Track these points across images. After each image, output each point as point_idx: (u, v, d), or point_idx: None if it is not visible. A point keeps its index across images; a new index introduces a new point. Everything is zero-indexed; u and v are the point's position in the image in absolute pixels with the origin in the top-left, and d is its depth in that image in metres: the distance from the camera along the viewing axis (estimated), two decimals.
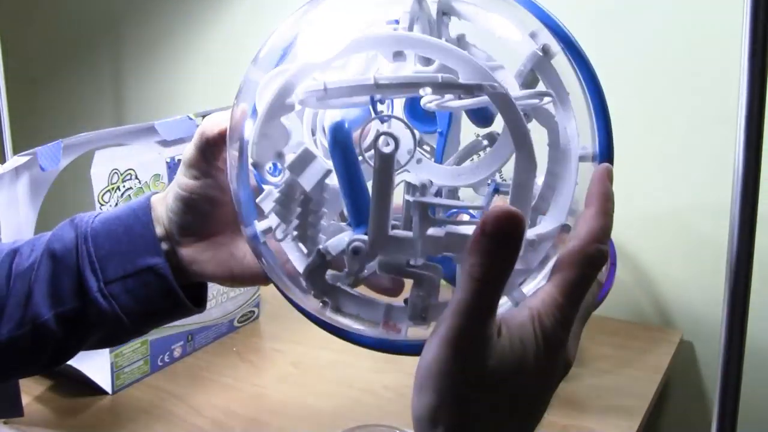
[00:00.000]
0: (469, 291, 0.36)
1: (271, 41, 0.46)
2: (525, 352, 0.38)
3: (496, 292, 0.37)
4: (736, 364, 0.62)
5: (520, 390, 0.39)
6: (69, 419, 0.84)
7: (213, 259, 0.54)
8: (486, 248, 0.36)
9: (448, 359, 0.37)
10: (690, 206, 1.04)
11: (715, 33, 0.97)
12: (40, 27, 1.65)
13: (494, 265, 0.36)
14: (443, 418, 0.37)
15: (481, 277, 0.36)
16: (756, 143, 0.58)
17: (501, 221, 0.35)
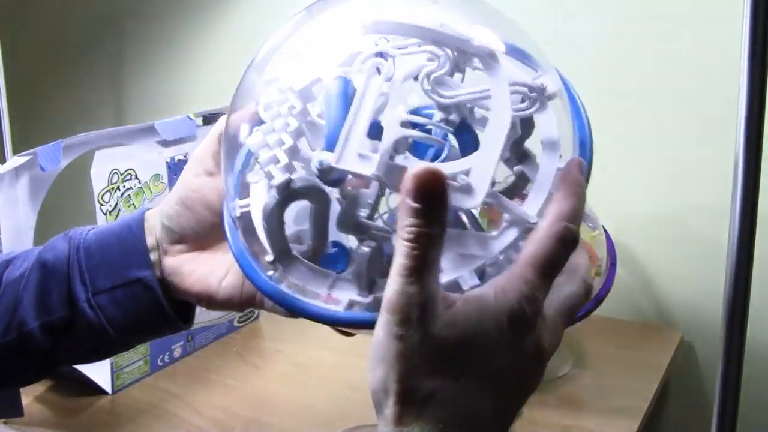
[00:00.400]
0: (404, 254, 0.36)
1: (267, 46, 0.47)
2: (483, 323, 0.37)
3: (429, 252, 0.36)
4: (736, 364, 0.62)
5: (482, 365, 0.37)
6: (69, 419, 0.84)
7: (193, 273, 0.54)
8: (411, 208, 0.35)
9: (391, 324, 0.36)
10: (690, 206, 1.04)
11: (715, 33, 0.97)
12: (40, 27, 1.65)
13: (423, 225, 0.35)
14: (392, 387, 0.37)
15: (413, 237, 0.35)
16: (756, 143, 0.58)
17: (420, 180, 0.35)
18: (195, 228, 0.54)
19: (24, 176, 0.81)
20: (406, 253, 0.36)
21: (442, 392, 0.37)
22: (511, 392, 0.39)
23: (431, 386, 0.36)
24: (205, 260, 0.54)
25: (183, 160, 0.93)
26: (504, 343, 0.37)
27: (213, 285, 0.53)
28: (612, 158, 1.08)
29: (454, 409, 0.37)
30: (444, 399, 0.37)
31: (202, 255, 0.55)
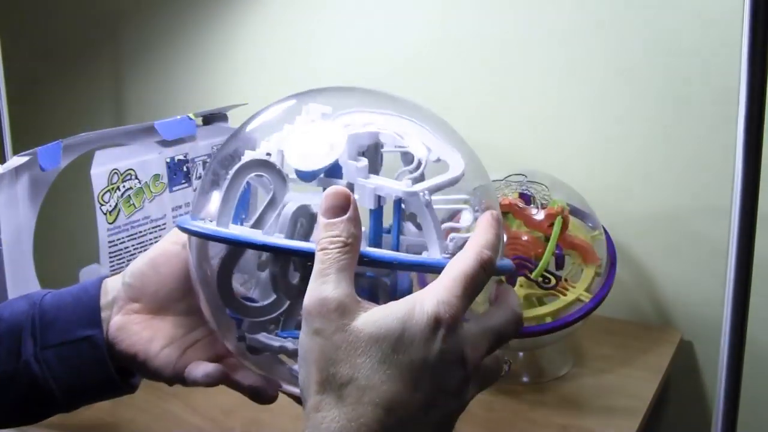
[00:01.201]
0: (318, 260, 0.42)
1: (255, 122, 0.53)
2: (403, 320, 0.40)
3: (339, 258, 0.41)
4: (736, 364, 0.62)
5: (402, 356, 0.39)
6: (69, 419, 0.83)
7: (138, 334, 0.56)
8: (324, 223, 0.42)
9: (308, 323, 0.41)
10: (690, 206, 1.04)
11: (714, 32, 0.97)
12: (41, 27, 1.65)
13: (333, 236, 0.42)
14: (312, 378, 0.40)
15: (324, 246, 0.42)
16: (756, 143, 0.58)
17: (331, 198, 0.43)
18: (155, 289, 0.56)
19: (24, 176, 0.81)
20: (319, 259, 0.42)
21: (359, 379, 0.39)
22: (433, 389, 0.40)
23: (348, 373, 0.39)
24: (153, 326, 0.57)
25: (183, 159, 0.93)
26: (423, 339, 0.40)
27: (152, 350, 0.56)
28: (612, 158, 1.08)
29: (373, 394, 0.39)
30: (361, 385, 0.39)
31: (153, 321, 0.57)
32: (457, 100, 1.17)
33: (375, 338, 0.39)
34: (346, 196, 0.43)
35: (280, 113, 0.53)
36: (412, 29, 1.19)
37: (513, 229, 0.90)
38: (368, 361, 0.39)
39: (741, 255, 0.60)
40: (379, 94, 0.55)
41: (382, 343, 0.39)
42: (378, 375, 0.39)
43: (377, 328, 0.40)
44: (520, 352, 0.94)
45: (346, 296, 0.41)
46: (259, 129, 0.52)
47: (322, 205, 0.43)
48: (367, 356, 0.39)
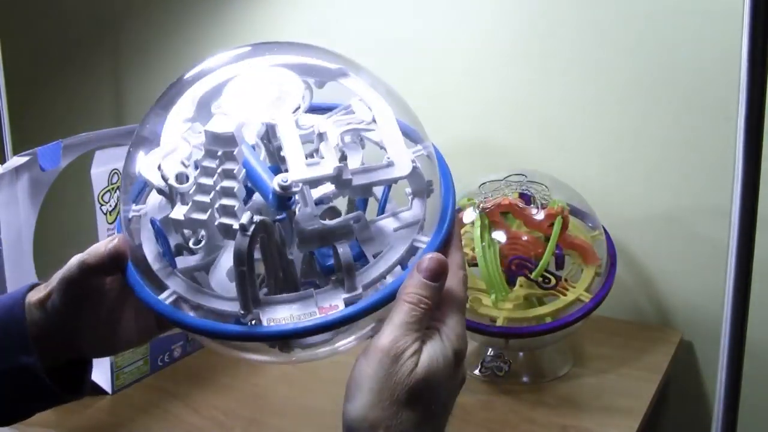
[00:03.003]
0: (405, 312, 0.47)
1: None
2: (445, 364, 0.47)
3: (424, 317, 0.48)
4: (736, 364, 0.62)
5: (435, 395, 0.47)
6: (69, 419, 0.84)
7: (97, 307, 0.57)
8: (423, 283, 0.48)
9: (384, 363, 0.46)
10: (690, 206, 1.04)
11: (715, 32, 0.97)
12: (40, 27, 1.65)
13: (426, 297, 0.48)
14: (378, 415, 0.46)
15: (416, 302, 0.47)
16: (756, 143, 0.58)
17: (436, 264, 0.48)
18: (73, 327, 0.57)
19: (24, 176, 0.82)
20: (406, 312, 0.47)
21: (420, 417, 0.46)
22: (448, 409, 0.50)
23: (412, 414, 0.46)
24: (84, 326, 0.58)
25: None
26: (450, 375, 0.48)
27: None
28: (612, 159, 1.08)
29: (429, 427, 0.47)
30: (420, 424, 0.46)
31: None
32: (457, 100, 1.18)
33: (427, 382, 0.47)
34: (446, 267, 0.49)
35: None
36: (412, 28, 1.19)
37: (513, 229, 0.90)
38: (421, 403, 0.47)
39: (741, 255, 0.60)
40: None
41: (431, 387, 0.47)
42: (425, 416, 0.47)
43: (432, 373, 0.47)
44: (520, 352, 0.94)
45: (417, 351, 0.47)
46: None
47: (425, 263, 0.48)
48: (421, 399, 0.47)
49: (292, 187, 0.47)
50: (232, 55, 0.58)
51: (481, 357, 0.93)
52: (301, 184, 0.47)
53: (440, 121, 1.19)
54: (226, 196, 0.49)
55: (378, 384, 0.46)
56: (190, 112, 0.54)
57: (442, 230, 0.51)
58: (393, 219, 0.52)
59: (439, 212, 0.53)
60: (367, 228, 0.51)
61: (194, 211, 0.49)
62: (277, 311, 0.48)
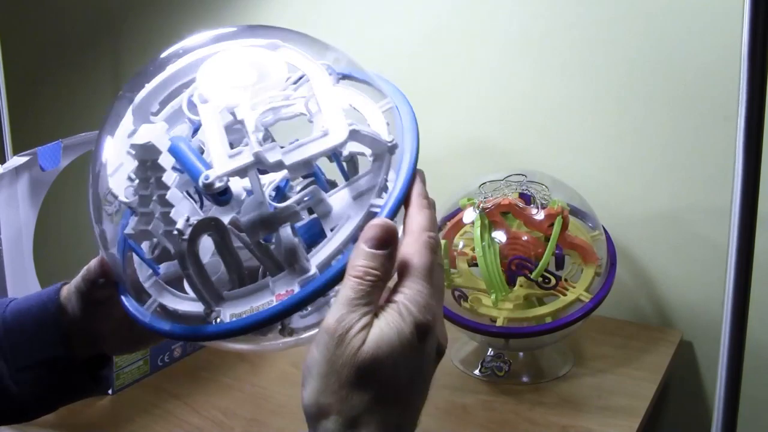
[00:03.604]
0: (351, 287, 0.43)
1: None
2: (399, 339, 0.43)
3: (372, 290, 0.43)
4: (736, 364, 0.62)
5: (390, 374, 0.42)
6: (69, 419, 0.84)
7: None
8: (366, 252, 0.44)
9: (328, 345, 0.42)
10: (690, 206, 1.04)
11: (715, 33, 0.97)
12: (40, 27, 1.65)
13: (373, 267, 0.43)
14: (327, 401, 0.42)
15: (361, 275, 0.43)
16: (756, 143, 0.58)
17: (379, 231, 0.44)
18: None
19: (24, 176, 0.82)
20: (350, 287, 0.43)
21: (374, 399, 0.42)
22: (422, 387, 0.45)
23: (364, 397, 0.42)
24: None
25: None
26: (413, 349, 0.43)
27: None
28: (612, 159, 1.08)
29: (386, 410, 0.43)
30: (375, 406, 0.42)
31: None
32: (457, 100, 1.18)
33: (379, 360, 0.42)
34: (393, 232, 0.44)
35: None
36: (413, 27, 1.19)
37: (513, 229, 0.90)
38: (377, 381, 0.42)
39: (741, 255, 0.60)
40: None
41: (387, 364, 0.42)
42: (386, 392, 0.43)
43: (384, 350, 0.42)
44: (520, 352, 0.94)
45: (364, 326, 0.43)
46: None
47: (366, 233, 0.44)
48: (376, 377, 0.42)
49: (216, 183, 0.46)
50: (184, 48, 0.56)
51: (481, 357, 0.93)
52: (226, 178, 0.46)
53: (440, 122, 1.19)
54: (162, 205, 0.49)
55: (325, 367, 0.42)
56: (131, 124, 0.54)
57: (396, 190, 0.47)
58: (350, 188, 0.49)
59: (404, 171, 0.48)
60: (322, 202, 0.49)
61: (141, 223, 0.50)
62: (238, 305, 0.47)
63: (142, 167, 0.49)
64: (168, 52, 0.54)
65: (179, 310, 0.50)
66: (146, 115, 0.53)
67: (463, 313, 0.89)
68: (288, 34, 0.55)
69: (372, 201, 0.47)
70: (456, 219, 0.93)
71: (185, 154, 0.49)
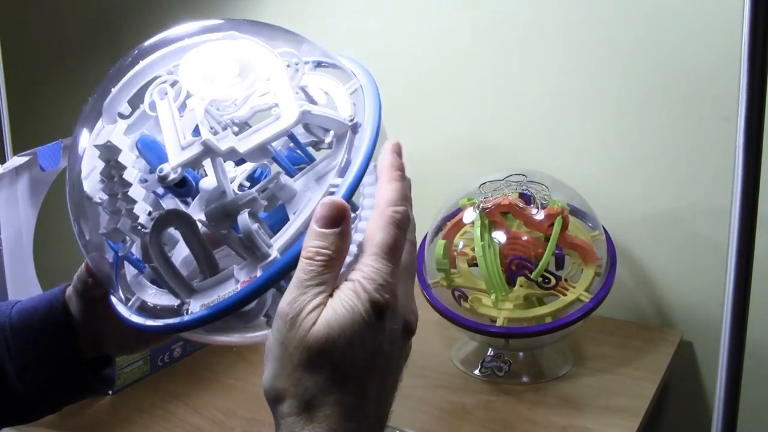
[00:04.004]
0: (303, 269, 0.42)
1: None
2: (353, 318, 0.41)
3: (324, 271, 0.42)
4: (736, 364, 0.62)
5: (344, 354, 0.41)
6: (69, 419, 0.84)
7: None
8: (316, 232, 0.42)
9: (282, 329, 0.41)
10: (690, 206, 1.04)
11: (715, 33, 0.97)
12: (40, 27, 1.65)
13: (324, 247, 0.42)
14: (283, 383, 0.42)
15: (312, 255, 0.42)
16: (756, 143, 0.58)
17: (328, 209, 0.43)
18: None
19: (24, 176, 0.82)
20: (302, 268, 0.42)
21: (328, 380, 0.41)
22: (382, 364, 0.43)
23: (318, 378, 0.41)
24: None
25: None
26: (374, 329, 0.42)
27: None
28: (612, 159, 1.08)
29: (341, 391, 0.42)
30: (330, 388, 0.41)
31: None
32: (457, 100, 1.17)
33: (336, 341, 0.41)
34: (343, 209, 0.43)
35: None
36: (411, 29, 1.19)
37: (513, 229, 0.90)
38: (334, 363, 0.41)
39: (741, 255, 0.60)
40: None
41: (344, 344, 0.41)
42: (347, 374, 0.42)
43: (338, 330, 0.41)
44: (520, 352, 0.94)
45: (316, 308, 0.42)
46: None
47: (316, 212, 0.43)
48: (333, 359, 0.41)
49: (171, 175, 0.46)
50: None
51: (481, 357, 0.93)
52: (180, 168, 0.46)
53: (441, 122, 1.19)
54: (126, 202, 0.49)
55: (278, 351, 0.42)
56: (100, 125, 0.55)
57: (354, 169, 0.46)
58: (313, 172, 0.49)
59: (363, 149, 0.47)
60: (284, 187, 0.48)
61: (112, 222, 0.50)
62: (207, 295, 0.47)
63: (107, 167, 0.50)
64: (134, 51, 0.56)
65: (158, 305, 0.50)
66: (113, 115, 0.54)
67: (463, 313, 0.89)
68: (262, 28, 0.56)
69: (331, 181, 0.46)
70: (456, 219, 0.93)
71: (146, 152, 0.50)
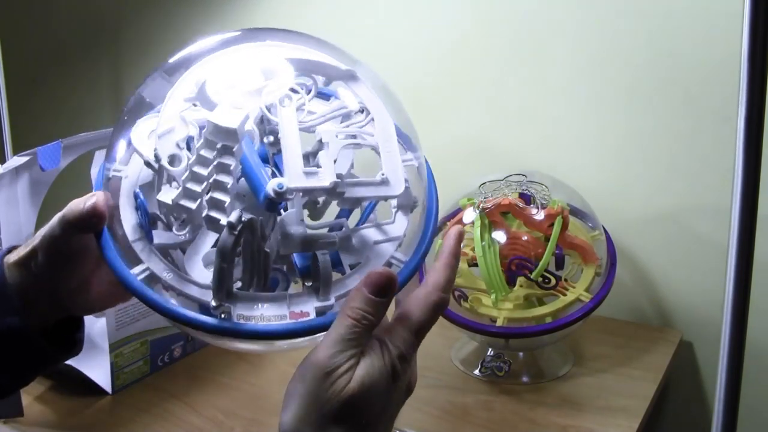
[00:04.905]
0: (345, 327, 0.46)
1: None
2: (379, 379, 0.47)
3: (365, 333, 0.47)
4: (736, 364, 0.62)
5: (367, 410, 0.47)
6: (69, 419, 0.84)
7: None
8: (366, 297, 0.47)
9: (318, 380, 0.46)
10: (690, 206, 1.04)
11: (715, 33, 0.97)
12: (40, 27, 1.65)
13: (369, 313, 0.47)
14: (307, 430, 0.46)
15: (358, 318, 0.46)
16: (756, 143, 0.58)
17: (382, 280, 0.47)
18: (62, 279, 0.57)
19: (24, 176, 0.82)
20: (346, 327, 0.46)
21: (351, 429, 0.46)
22: (386, 418, 0.49)
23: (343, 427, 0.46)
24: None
25: None
26: (388, 389, 0.47)
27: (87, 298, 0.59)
28: (612, 159, 1.08)
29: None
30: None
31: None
32: (457, 100, 1.18)
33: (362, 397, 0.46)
34: (394, 284, 0.47)
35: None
36: (411, 29, 1.19)
37: (513, 229, 0.90)
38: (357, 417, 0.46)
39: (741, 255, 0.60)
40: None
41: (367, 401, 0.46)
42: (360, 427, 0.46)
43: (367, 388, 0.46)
44: (520, 352, 0.94)
45: (353, 366, 0.46)
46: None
47: (372, 278, 0.47)
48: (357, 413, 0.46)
49: (287, 195, 0.47)
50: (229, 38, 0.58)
51: (481, 357, 0.93)
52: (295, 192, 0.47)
53: (441, 122, 1.19)
54: (218, 190, 0.49)
55: (309, 398, 0.46)
56: (192, 92, 0.53)
57: (420, 251, 0.51)
58: (375, 230, 0.52)
59: (421, 229, 0.52)
60: (348, 237, 0.51)
61: (183, 197, 0.49)
62: (248, 308, 0.48)
63: (209, 146, 0.49)
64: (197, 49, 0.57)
65: (177, 288, 0.49)
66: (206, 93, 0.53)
67: (463, 313, 0.89)
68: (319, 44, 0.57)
69: (394, 253, 0.51)
70: (456, 219, 0.93)
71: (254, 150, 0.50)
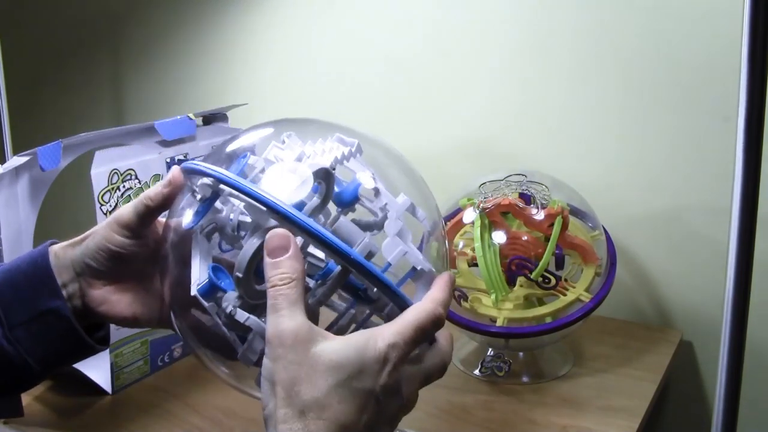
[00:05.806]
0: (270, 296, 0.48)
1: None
2: (359, 353, 0.47)
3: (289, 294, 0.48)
4: (736, 364, 0.62)
5: (354, 383, 0.46)
6: (69, 419, 0.84)
7: (121, 301, 0.61)
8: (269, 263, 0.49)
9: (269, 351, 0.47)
10: (690, 206, 1.04)
11: (715, 33, 0.97)
12: (40, 27, 1.65)
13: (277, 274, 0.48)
14: (276, 398, 0.46)
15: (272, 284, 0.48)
16: (756, 143, 0.58)
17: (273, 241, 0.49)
18: (120, 269, 0.61)
19: (24, 176, 0.82)
20: (271, 296, 0.48)
21: (319, 398, 0.46)
22: (376, 414, 0.48)
23: (309, 392, 0.46)
24: (128, 290, 0.62)
25: (183, 159, 0.93)
26: (373, 371, 0.47)
27: (138, 310, 0.62)
28: (612, 159, 1.08)
29: (330, 413, 0.46)
30: (321, 404, 0.46)
31: (127, 284, 0.62)
32: (457, 100, 1.18)
33: (334, 364, 0.46)
34: (287, 237, 0.49)
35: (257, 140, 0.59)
36: (411, 28, 1.19)
37: (513, 229, 0.90)
38: (327, 383, 0.46)
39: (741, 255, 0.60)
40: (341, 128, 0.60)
41: (340, 369, 0.46)
42: (335, 396, 0.46)
43: (337, 356, 0.47)
44: (520, 352, 0.94)
45: (300, 327, 0.47)
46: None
47: (266, 247, 0.49)
48: (326, 379, 0.46)
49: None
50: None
51: (481, 357, 0.93)
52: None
53: (441, 122, 1.19)
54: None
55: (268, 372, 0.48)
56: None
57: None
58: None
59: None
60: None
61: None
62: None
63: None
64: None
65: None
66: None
67: (463, 313, 0.89)
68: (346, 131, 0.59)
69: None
70: (456, 219, 0.93)
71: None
